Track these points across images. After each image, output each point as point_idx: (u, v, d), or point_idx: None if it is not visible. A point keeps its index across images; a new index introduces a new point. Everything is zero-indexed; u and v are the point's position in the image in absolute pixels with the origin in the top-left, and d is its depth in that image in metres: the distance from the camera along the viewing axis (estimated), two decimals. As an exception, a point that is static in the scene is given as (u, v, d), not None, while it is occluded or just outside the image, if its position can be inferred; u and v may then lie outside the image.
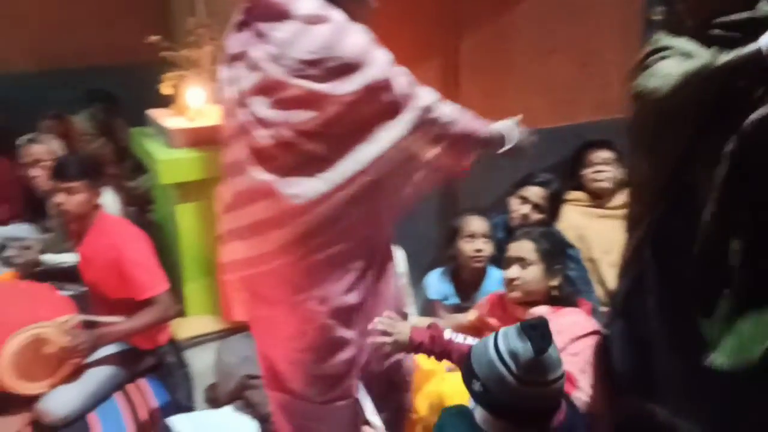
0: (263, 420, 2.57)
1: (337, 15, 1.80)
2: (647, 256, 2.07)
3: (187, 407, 2.82)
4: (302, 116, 1.79)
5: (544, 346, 1.51)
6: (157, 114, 3.47)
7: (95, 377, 2.75)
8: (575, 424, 1.64)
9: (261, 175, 1.85)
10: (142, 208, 4.41)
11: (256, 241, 1.92)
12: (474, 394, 1.59)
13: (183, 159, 3.11)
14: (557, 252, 2.54)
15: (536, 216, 3.20)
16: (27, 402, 2.64)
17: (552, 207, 3.29)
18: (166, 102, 3.46)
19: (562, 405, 1.61)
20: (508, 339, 1.55)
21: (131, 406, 2.79)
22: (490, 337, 1.60)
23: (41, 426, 2.63)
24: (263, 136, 1.82)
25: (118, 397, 2.82)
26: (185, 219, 3.21)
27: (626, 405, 2.19)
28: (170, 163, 3.10)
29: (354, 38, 1.79)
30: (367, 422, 2.01)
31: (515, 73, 3.50)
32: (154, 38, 3.18)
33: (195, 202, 3.20)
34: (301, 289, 1.95)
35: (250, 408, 2.66)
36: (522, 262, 2.45)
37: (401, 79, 1.89)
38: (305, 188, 1.83)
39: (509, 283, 2.49)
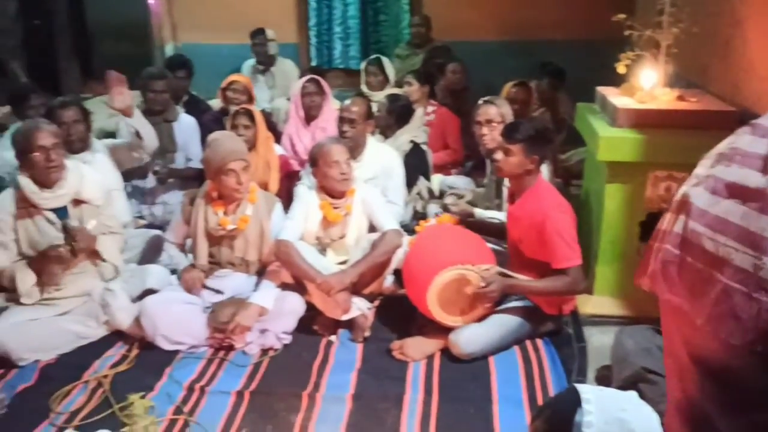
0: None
1: None
2: None
3: (577, 381, 2.87)
4: None
5: None
6: (606, 92, 3.50)
7: (502, 325, 2.99)
8: None
9: None
10: (566, 181, 4.54)
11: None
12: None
13: (624, 138, 3.10)
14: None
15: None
16: (443, 331, 3.01)
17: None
18: (615, 81, 3.46)
19: None
20: None
21: (525, 362, 2.96)
22: None
23: (449, 354, 2.97)
24: None
25: (516, 350, 3.03)
26: (612, 199, 3.20)
27: None
28: (611, 141, 3.11)
29: None
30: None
31: None
32: (621, 16, 3.18)
33: (625, 183, 3.17)
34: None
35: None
36: None
37: None
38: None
39: None
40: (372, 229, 3.43)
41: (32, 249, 3.18)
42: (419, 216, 4.26)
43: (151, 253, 3.77)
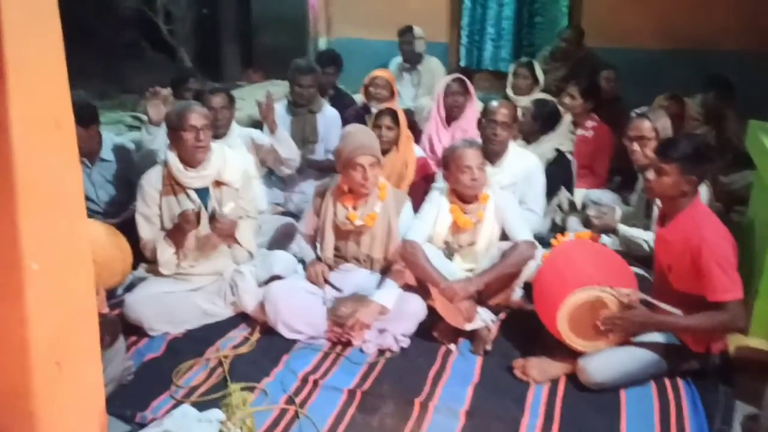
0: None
1: None
2: None
3: (721, 430, 2.56)
4: None
5: None
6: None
7: (638, 357, 2.72)
8: None
9: None
10: (728, 206, 4.12)
11: None
12: None
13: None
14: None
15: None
16: (571, 354, 2.79)
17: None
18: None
19: None
20: None
21: (662, 402, 2.67)
22: None
23: (576, 381, 2.75)
24: None
25: (652, 387, 2.75)
26: (782, 230, 2.83)
27: None
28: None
29: None
30: None
31: None
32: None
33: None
34: None
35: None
36: None
37: None
38: None
39: None
40: (504, 237, 3.26)
41: (173, 224, 3.31)
42: (558, 229, 4.03)
43: (281, 240, 3.83)
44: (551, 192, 4.04)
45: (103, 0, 6.98)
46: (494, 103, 3.74)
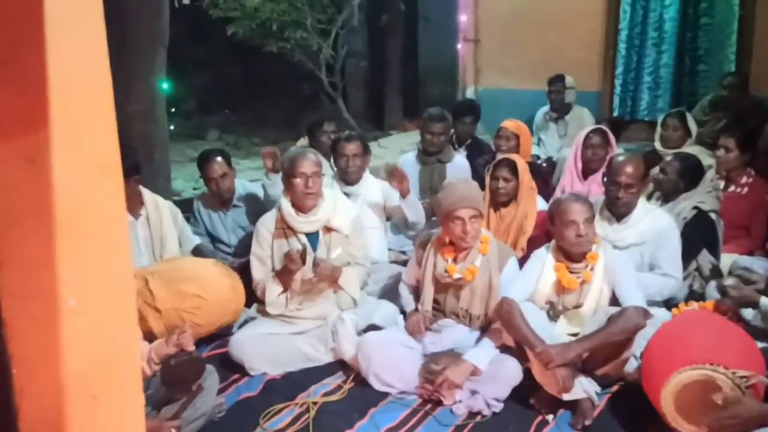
0: None
1: None
2: None
3: None
4: None
5: None
6: None
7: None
8: None
9: None
10: None
11: None
12: None
13: None
14: None
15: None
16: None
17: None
18: None
19: None
20: None
21: None
22: None
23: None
24: None
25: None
26: None
27: None
28: None
29: None
30: None
31: None
32: None
33: None
34: None
35: None
36: None
37: None
38: None
39: None
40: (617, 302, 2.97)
41: (281, 265, 3.41)
42: (696, 296, 3.60)
43: (393, 290, 3.80)
44: (689, 255, 3.63)
45: (284, 56, 7.53)
46: (619, 159, 3.43)
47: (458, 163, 4.74)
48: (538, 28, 6.47)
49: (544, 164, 5.45)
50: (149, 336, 3.18)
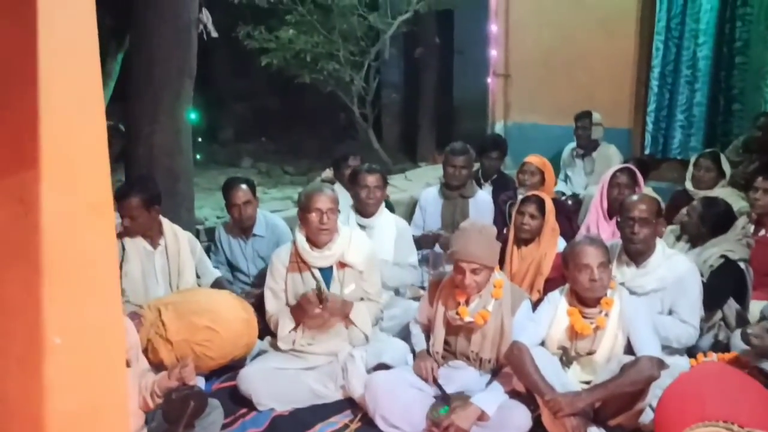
0: None
1: None
2: None
3: None
4: None
5: None
6: None
7: None
8: None
9: None
10: None
11: None
12: None
13: None
14: None
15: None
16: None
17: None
18: None
19: None
20: None
21: None
22: None
23: None
24: None
25: None
26: None
27: None
28: None
29: None
30: None
31: None
32: None
33: None
34: None
35: None
36: None
37: None
38: None
39: None
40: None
41: (295, 301, 3.40)
42: (720, 347, 3.48)
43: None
44: (714, 304, 3.51)
45: (317, 87, 7.65)
46: (632, 198, 3.40)
47: (481, 199, 4.70)
48: (567, 66, 6.42)
49: (570, 201, 5.37)
50: (160, 367, 3.20)
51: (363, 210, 4.08)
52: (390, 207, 5.20)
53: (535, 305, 3.21)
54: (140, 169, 4.31)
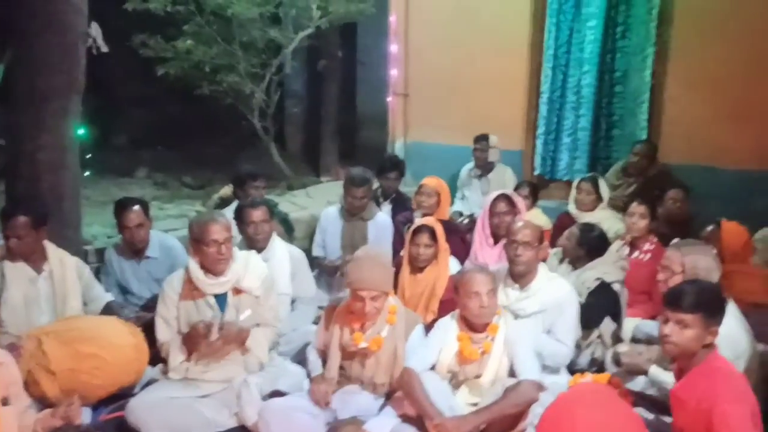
0: None
1: None
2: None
3: None
4: None
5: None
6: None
7: None
8: None
9: None
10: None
11: None
12: None
13: None
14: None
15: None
16: None
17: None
18: None
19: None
20: None
21: None
22: None
23: None
24: None
25: None
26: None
27: None
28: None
29: None
30: None
31: None
32: None
33: None
34: None
35: None
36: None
37: None
38: None
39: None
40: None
41: (188, 328, 3.35)
42: (597, 364, 3.72)
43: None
44: (591, 323, 3.76)
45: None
46: (519, 223, 3.63)
47: (380, 222, 4.78)
48: (464, 88, 6.64)
49: (466, 220, 5.57)
50: (43, 401, 3.07)
51: (253, 246, 3.94)
52: (290, 226, 5.23)
53: (429, 326, 3.31)
54: (23, 186, 4.12)
